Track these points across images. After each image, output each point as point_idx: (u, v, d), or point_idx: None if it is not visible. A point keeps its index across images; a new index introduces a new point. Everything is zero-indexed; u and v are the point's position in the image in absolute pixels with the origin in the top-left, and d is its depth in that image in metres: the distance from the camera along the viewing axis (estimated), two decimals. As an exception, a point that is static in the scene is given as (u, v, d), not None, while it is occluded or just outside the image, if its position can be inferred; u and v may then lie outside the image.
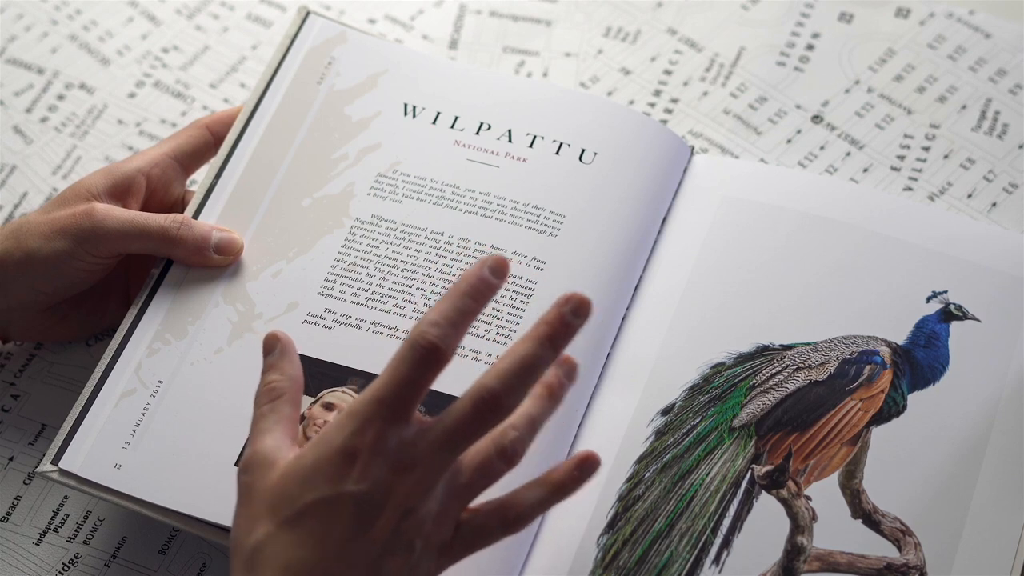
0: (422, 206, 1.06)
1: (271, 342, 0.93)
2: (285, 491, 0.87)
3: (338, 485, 0.86)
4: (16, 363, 1.10)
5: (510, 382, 0.86)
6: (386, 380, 0.87)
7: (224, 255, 1.04)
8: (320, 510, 0.86)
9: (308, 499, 0.86)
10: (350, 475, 0.86)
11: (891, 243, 1.06)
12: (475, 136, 1.09)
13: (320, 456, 0.86)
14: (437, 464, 0.86)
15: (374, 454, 0.86)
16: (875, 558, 0.96)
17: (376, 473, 0.86)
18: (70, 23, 1.25)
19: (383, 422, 0.86)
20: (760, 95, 1.19)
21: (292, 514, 0.86)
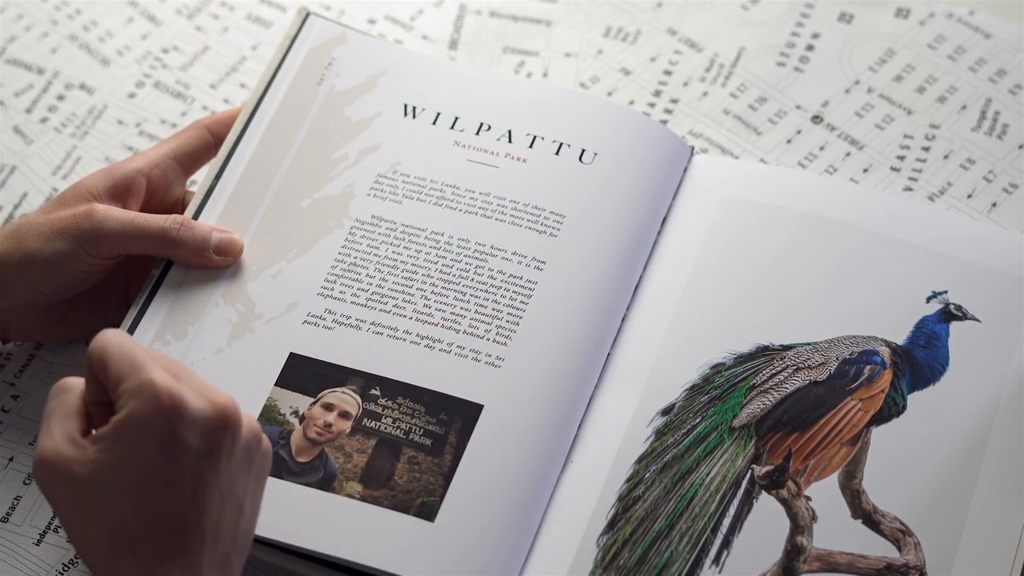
0: (422, 206, 1.06)
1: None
2: (114, 483, 0.86)
3: (172, 450, 0.86)
4: (16, 363, 1.10)
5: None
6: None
7: (224, 256, 1.04)
8: (165, 480, 0.86)
9: (147, 479, 0.85)
10: (175, 435, 0.86)
11: (891, 243, 1.06)
12: (475, 137, 1.09)
13: (135, 437, 0.86)
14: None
15: (177, 397, 0.86)
16: (875, 558, 0.96)
17: (192, 412, 0.86)
18: (70, 23, 1.25)
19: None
20: (760, 95, 1.19)
21: (136, 502, 0.85)
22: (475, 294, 1.03)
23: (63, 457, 0.86)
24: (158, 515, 0.85)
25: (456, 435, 0.98)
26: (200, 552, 0.86)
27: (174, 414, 0.86)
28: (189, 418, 0.86)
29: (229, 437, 0.87)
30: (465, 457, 0.98)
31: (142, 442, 0.85)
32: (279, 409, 1.00)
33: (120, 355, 0.88)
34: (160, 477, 0.85)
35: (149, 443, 0.85)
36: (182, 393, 0.86)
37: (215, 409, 0.87)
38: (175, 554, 0.85)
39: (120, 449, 0.86)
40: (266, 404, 1.00)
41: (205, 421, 0.86)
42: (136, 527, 0.85)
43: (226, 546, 0.87)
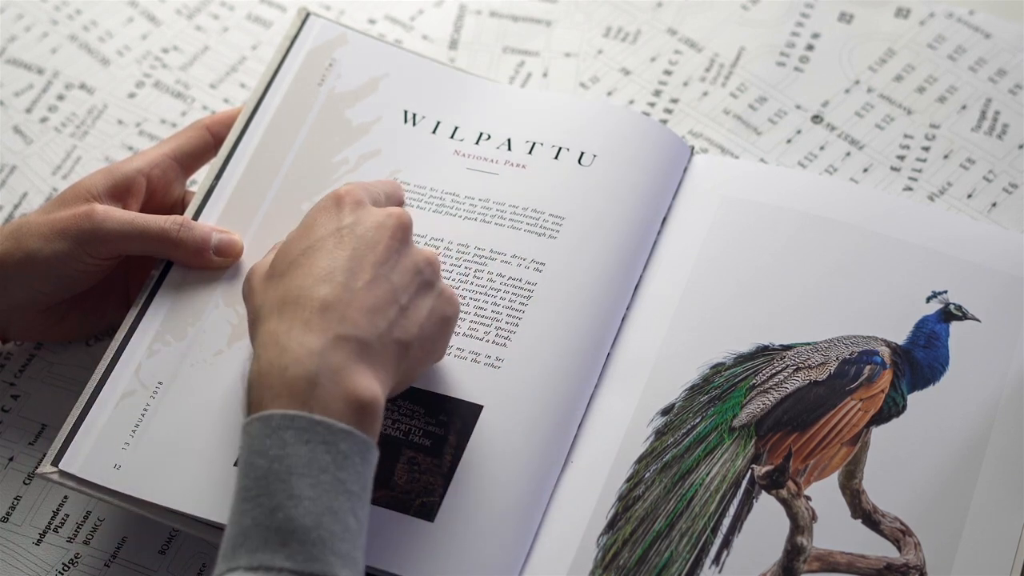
0: (421, 213, 1.06)
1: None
2: (277, 259, 0.95)
3: (329, 225, 0.95)
4: (16, 363, 1.10)
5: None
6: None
7: (224, 257, 1.04)
8: (319, 245, 0.94)
9: (302, 246, 0.94)
10: (337, 216, 0.95)
11: (891, 243, 1.06)
12: (475, 146, 1.09)
13: (304, 222, 0.96)
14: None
15: (355, 196, 0.96)
16: (875, 558, 0.96)
17: (365, 210, 0.95)
18: (70, 23, 1.25)
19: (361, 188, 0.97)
20: (760, 95, 1.19)
21: (289, 263, 0.93)
22: (475, 297, 1.03)
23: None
24: (310, 271, 0.92)
25: (456, 436, 0.98)
26: (331, 313, 0.90)
27: (345, 195, 0.96)
28: (355, 204, 0.95)
29: (398, 236, 0.94)
30: (465, 457, 0.98)
31: (310, 217, 0.96)
32: (279, 409, 1.00)
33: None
34: (318, 243, 0.93)
35: (315, 216, 0.96)
36: (358, 190, 0.97)
37: (385, 211, 0.95)
38: (306, 311, 0.90)
39: (295, 230, 0.96)
40: (266, 404, 1.00)
41: (370, 215, 0.95)
42: (279, 283, 0.93)
43: (367, 330, 0.90)
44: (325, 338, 0.89)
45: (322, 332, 0.89)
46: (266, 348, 0.90)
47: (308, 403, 0.87)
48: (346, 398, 0.88)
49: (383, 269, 0.93)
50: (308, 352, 0.88)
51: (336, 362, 0.89)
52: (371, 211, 0.95)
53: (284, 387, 0.88)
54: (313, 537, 0.85)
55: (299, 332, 0.89)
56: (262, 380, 0.89)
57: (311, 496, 0.85)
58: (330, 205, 0.96)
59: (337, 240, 0.93)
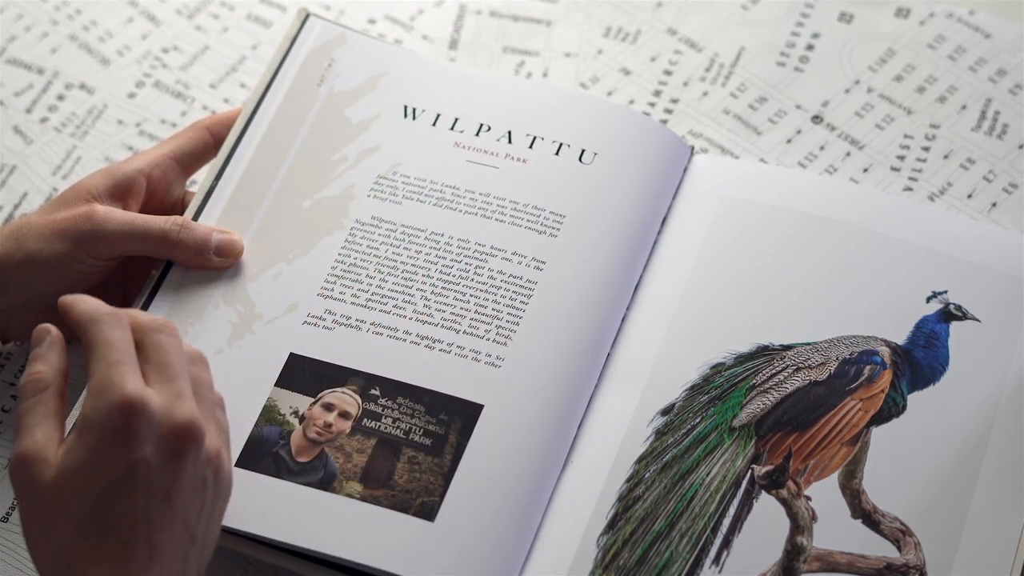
0: (422, 207, 1.06)
1: (40, 334, 0.92)
2: (70, 489, 0.86)
3: (126, 456, 0.86)
4: (16, 363, 1.10)
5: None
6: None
7: (224, 257, 1.04)
8: (117, 490, 0.86)
9: (101, 486, 0.86)
10: (128, 446, 0.86)
11: (891, 243, 1.06)
12: (475, 137, 1.09)
13: (93, 440, 0.86)
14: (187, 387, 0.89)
15: (144, 409, 0.86)
16: (875, 558, 0.96)
17: (156, 428, 0.86)
18: (70, 23, 1.25)
19: (135, 371, 0.88)
20: (760, 95, 1.19)
21: (89, 510, 0.86)
22: (475, 294, 1.03)
23: (39, 459, 0.87)
24: (107, 526, 0.85)
25: (456, 435, 0.98)
26: (144, 572, 0.85)
27: (132, 420, 0.86)
28: (146, 427, 0.86)
29: (190, 454, 0.87)
30: (465, 457, 0.98)
31: (99, 446, 0.86)
32: (279, 409, 1.00)
33: (95, 340, 0.89)
34: (112, 486, 0.85)
35: (105, 448, 0.86)
36: (146, 400, 0.86)
37: (173, 423, 0.87)
38: (119, 571, 0.85)
39: (79, 452, 0.86)
40: (266, 404, 1.00)
41: (161, 434, 0.86)
42: (84, 539, 0.85)
43: (175, 570, 0.87)
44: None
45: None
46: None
47: None
48: None
49: (179, 508, 0.87)
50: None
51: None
52: (158, 433, 0.87)
53: None
54: None
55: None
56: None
57: None
58: (117, 427, 0.86)
59: (131, 486, 0.86)
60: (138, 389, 0.87)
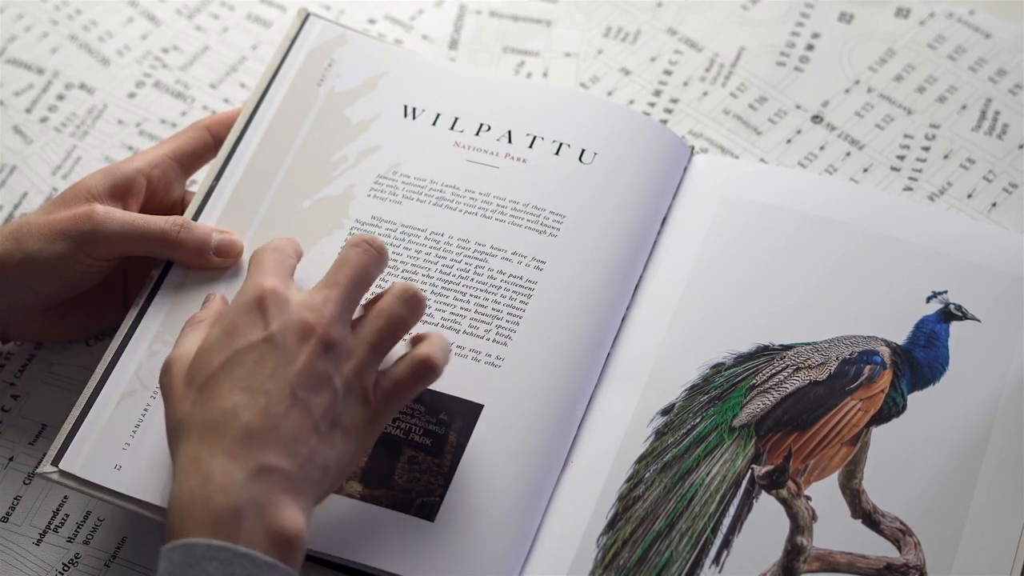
0: (422, 207, 1.06)
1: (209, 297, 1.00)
2: (197, 364, 0.91)
3: (250, 335, 0.91)
4: (16, 363, 1.10)
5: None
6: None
7: (224, 257, 1.04)
8: (238, 360, 0.90)
9: (223, 357, 0.91)
10: (260, 323, 0.92)
11: (891, 243, 1.06)
12: (475, 137, 1.09)
13: (225, 323, 0.93)
14: (342, 298, 0.93)
15: (279, 297, 0.93)
16: (875, 558, 0.96)
17: (287, 314, 0.92)
18: (70, 23, 1.25)
19: (281, 277, 0.94)
20: (760, 95, 1.19)
21: (212, 372, 0.90)
22: (475, 294, 1.03)
23: (184, 357, 0.94)
24: (230, 392, 0.90)
25: (456, 435, 0.98)
26: (253, 442, 0.88)
27: (267, 296, 0.92)
28: (276, 310, 0.92)
29: (315, 346, 0.91)
30: (465, 457, 0.98)
31: (232, 321, 0.93)
32: (279, 409, 1.00)
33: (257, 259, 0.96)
34: (237, 355, 0.91)
35: (237, 320, 0.92)
36: (280, 289, 0.93)
37: (302, 315, 0.92)
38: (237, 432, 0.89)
39: (214, 332, 0.93)
40: (266, 404, 1.00)
41: (290, 320, 0.91)
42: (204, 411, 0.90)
43: (289, 460, 0.89)
44: (247, 469, 0.88)
45: (244, 462, 0.88)
46: (188, 474, 0.88)
47: (233, 535, 0.86)
48: (271, 532, 0.87)
49: (302, 392, 0.90)
50: (232, 482, 0.87)
51: (260, 495, 0.87)
52: (292, 316, 0.92)
53: (208, 517, 0.86)
54: None
55: (222, 461, 0.88)
56: (185, 508, 0.87)
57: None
58: (252, 307, 0.93)
59: (258, 356, 0.91)
60: (276, 282, 0.93)
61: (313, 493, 0.90)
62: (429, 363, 0.94)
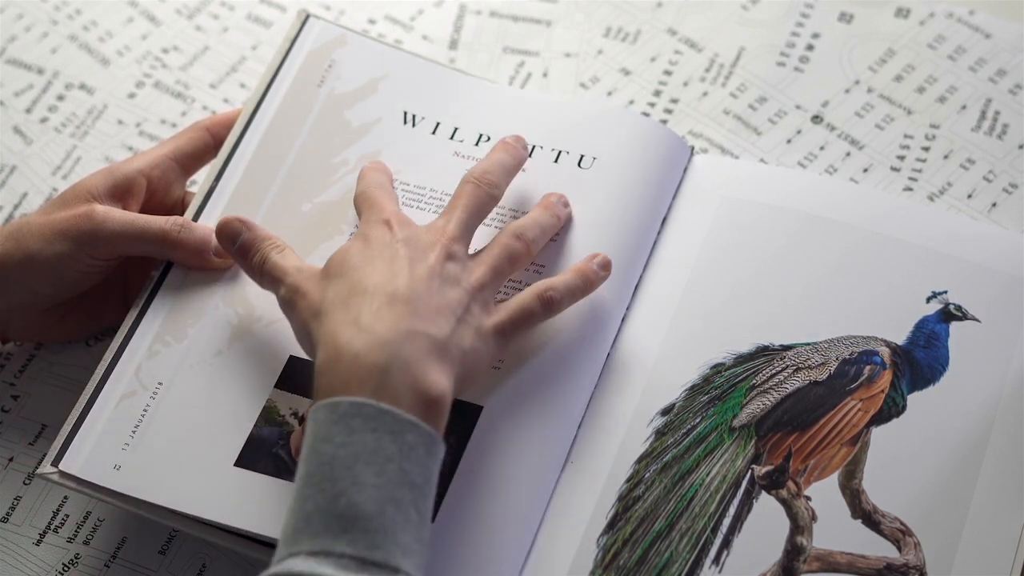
0: (422, 215, 1.06)
1: (235, 226, 1.01)
2: (335, 262, 0.95)
3: (384, 238, 0.96)
4: (16, 363, 1.10)
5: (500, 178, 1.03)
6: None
7: (224, 258, 1.04)
8: (375, 254, 0.94)
9: (360, 255, 0.95)
10: (388, 234, 0.97)
11: (891, 243, 1.06)
12: (474, 147, 1.09)
13: (358, 236, 0.98)
14: (462, 223, 0.99)
15: (403, 218, 0.98)
16: (875, 558, 0.96)
17: (410, 231, 0.97)
18: (70, 23, 1.25)
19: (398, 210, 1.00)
20: (760, 95, 1.19)
21: (350, 266, 0.94)
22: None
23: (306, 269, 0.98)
24: (373, 271, 0.94)
25: (456, 436, 0.98)
26: (401, 307, 0.92)
27: (392, 218, 0.98)
28: (401, 223, 0.97)
29: (441, 259, 0.96)
30: (465, 457, 0.98)
31: (364, 228, 0.98)
32: (279, 410, 1.00)
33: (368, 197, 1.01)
34: (365, 252, 0.96)
35: (368, 228, 0.98)
36: (401, 215, 0.99)
37: (424, 231, 0.98)
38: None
39: (353, 237, 0.99)
40: (266, 405, 1.00)
41: (413, 233, 0.97)
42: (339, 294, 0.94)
43: (437, 328, 0.92)
44: (397, 329, 0.90)
45: (394, 323, 0.91)
46: (335, 336, 0.91)
47: (377, 392, 0.88)
48: (416, 390, 0.89)
49: (436, 282, 0.94)
50: (380, 341, 0.90)
51: (408, 354, 0.90)
52: (418, 231, 0.98)
53: (354, 374, 0.89)
54: (375, 525, 0.85)
55: (370, 320, 0.91)
56: (332, 366, 0.90)
57: (375, 484, 0.86)
58: (380, 224, 0.98)
59: (393, 252, 0.95)
60: (396, 209, 1.00)
61: (455, 368, 0.92)
62: (548, 296, 0.98)
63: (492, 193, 1.01)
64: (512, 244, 1.00)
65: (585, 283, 1.00)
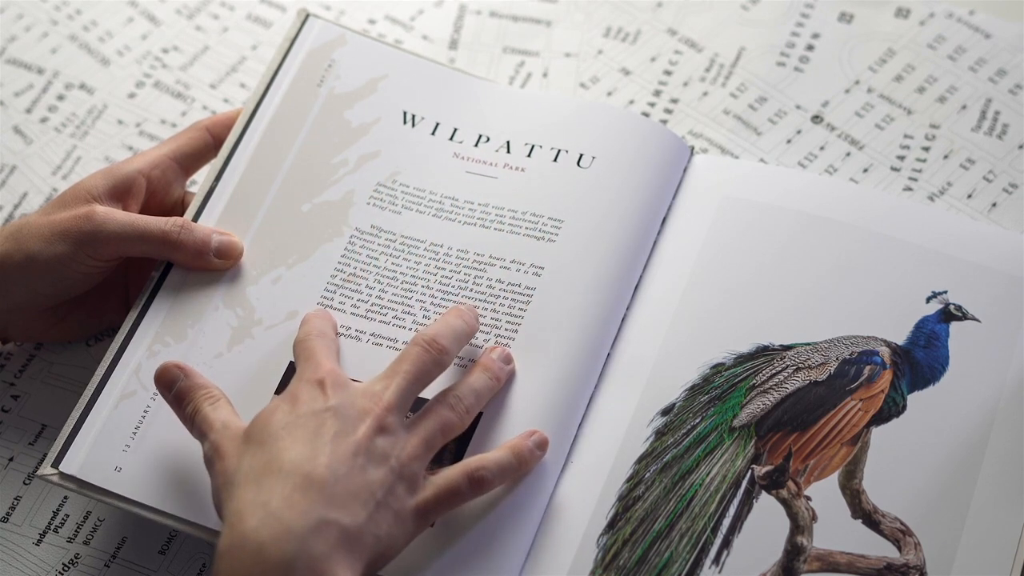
0: (421, 218, 1.06)
1: (172, 375, 0.98)
2: (259, 425, 0.92)
3: (313, 404, 0.92)
4: (16, 363, 1.10)
5: (446, 333, 0.98)
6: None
7: (224, 259, 1.04)
8: (301, 423, 0.91)
9: (286, 420, 0.91)
10: (320, 398, 0.93)
11: (891, 243, 1.06)
12: (474, 148, 1.09)
13: (285, 396, 0.94)
14: (401, 390, 0.94)
15: (335, 382, 0.94)
16: (875, 558, 0.97)
17: (343, 395, 0.93)
18: (70, 23, 1.25)
19: (336, 370, 0.95)
20: (760, 95, 1.19)
21: (273, 433, 0.91)
22: (474, 304, 1.02)
23: (233, 424, 0.95)
24: (292, 446, 0.91)
25: (455, 441, 0.98)
26: (315, 493, 0.88)
27: (326, 377, 0.94)
28: (335, 385, 0.94)
29: (372, 431, 0.92)
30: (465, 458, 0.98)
31: (295, 387, 0.94)
32: (279, 411, 1.00)
33: (307, 348, 0.98)
34: (297, 418, 0.92)
35: (300, 389, 0.94)
36: (337, 370, 0.95)
37: (358, 397, 0.93)
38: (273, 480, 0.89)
39: (277, 400, 0.94)
40: (266, 407, 1.00)
41: (348, 400, 0.93)
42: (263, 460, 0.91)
43: (349, 516, 0.89)
44: (307, 519, 0.87)
45: (304, 511, 0.88)
46: (242, 518, 0.88)
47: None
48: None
49: (361, 459, 0.91)
50: (288, 533, 0.87)
51: (316, 550, 0.87)
52: (352, 396, 0.94)
53: (257, 566, 0.86)
54: None
55: (279, 506, 0.88)
56: (234, 553, 0.87)
57: None
58: (313, 385, 0.94)
59: (320, 421, 0.92)
60: (333, 366, 0.95)
61: (365, 558, 0.89)
62: (478, 476, 0.94)
63: (440, 360, 0.96)
64: (446, 415, 0.95)
65: (519, 463, 0.97)
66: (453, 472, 0.94)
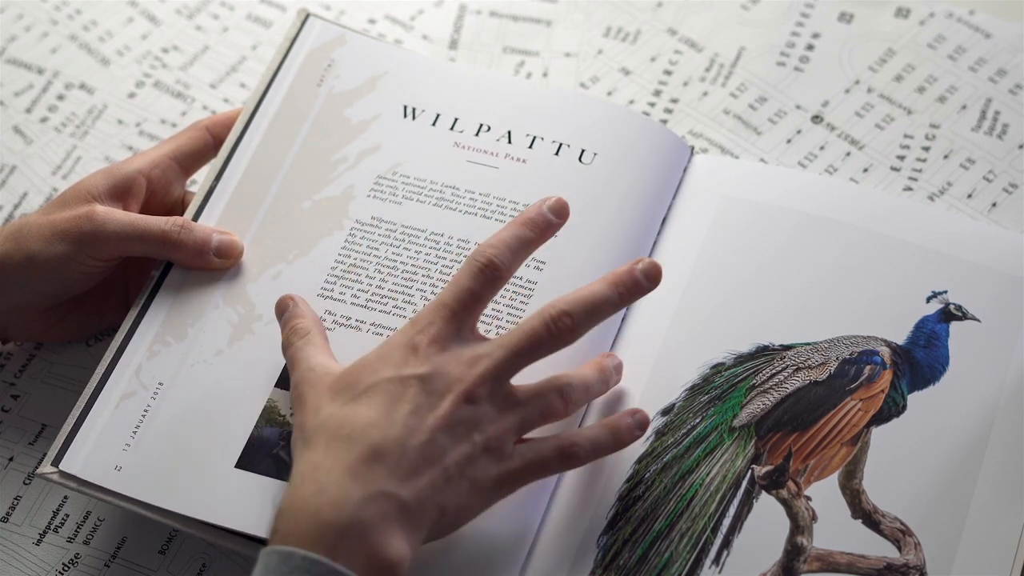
0: (422, 207, 1.06)
1: (284, 302, 0.99)
2: (346, 380, 0.92)
3: (401, 369, 0.92)
4: (16, 363, 1.10)
5: (578, 310, 0.94)
6: (447, 289, 0.95)
7: (224, 258, 1.04)
8: (384, 388, 0.91)
9: (371, 380, 0.91)
10: (412, 362, 0.92)
11: (891, 243, 1.06)
12: (475, 138, 1.09)
13: (382, 351, 0.93)
14: (500, 362, 0.93)
15: (434, 343, 0.93)
16: (875, 558, 0.96)
17: (438, 361, 0.92)
18: (70, 23, 1.25)
19: (443, 321, 0.94)
20: (760, 95, 1.19)
21: (356, 393, 0.91)
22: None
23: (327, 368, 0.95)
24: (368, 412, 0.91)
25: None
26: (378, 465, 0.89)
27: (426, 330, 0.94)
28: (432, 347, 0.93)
29: (457, 405, 0.91)
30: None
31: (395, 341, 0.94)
32: (279, 410, 1.00)
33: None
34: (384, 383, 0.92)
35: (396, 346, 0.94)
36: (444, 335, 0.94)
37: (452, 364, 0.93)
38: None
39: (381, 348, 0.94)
40: (266, 405, 1.00)
41: (446, 364, 0.92)
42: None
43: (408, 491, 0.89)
44: (364, 490, 0.88)
45: (364, 483, 0.88)
46: (305, 481, 0.89)
47: (332, 551, 0.86)
48: (372, 555, 0.87)
49: (440, 435, 0.91)
50: (345, 500, 0.87)
51: (370, 518, 0.87)
52: (446, 362, 0.93)
53: (312, 529, 0.87)
54: None
55: (341, 475, 0.88)
56: (292, 514, 0.88)
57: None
58: (405, 348, 0.93)
59: (404, 389, 0.92)
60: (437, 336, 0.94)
61: (425, 528, 0.90)
62: (571, 452, 0.94)
63: (561, 338, 0.94)
64: (553, 403, 0.94)
65: (616, 442, 0.96)
66: (544, 445, 0.94)
